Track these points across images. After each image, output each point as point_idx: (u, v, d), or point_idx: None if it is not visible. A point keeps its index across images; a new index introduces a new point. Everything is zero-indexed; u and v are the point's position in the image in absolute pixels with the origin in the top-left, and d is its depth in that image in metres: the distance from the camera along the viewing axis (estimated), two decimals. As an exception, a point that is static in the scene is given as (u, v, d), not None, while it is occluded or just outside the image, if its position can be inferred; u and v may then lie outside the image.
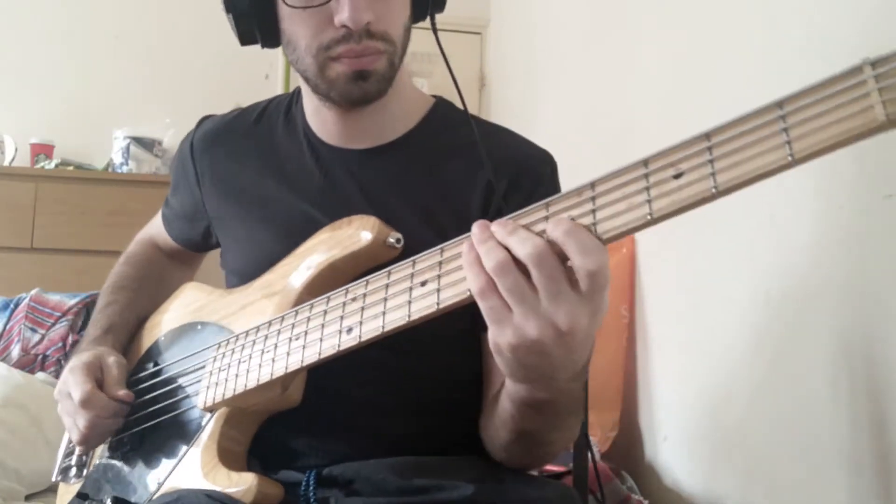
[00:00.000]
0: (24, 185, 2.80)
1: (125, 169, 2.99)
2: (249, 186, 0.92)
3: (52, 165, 2.96)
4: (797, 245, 1.12)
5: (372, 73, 0.80)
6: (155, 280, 1.06)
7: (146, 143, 3.05)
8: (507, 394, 0.70)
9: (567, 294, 0.54)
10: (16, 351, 1.92)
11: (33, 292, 2.04)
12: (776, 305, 1.17)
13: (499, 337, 0.58)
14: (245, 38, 0.85)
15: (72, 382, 0.86)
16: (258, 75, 3.34)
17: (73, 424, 0.86)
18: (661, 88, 1.64)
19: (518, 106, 2.89)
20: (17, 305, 2.01)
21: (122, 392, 0.86)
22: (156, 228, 1.11)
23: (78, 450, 0.95)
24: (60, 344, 1.93)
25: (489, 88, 3.33)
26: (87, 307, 2.01)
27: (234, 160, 0.95)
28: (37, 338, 1.94)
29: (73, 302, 2.01)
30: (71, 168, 2.96)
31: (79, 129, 3.15)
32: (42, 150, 3.03)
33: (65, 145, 3.07)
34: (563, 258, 0.55)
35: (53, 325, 1.96)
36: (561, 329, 0.54)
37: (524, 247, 0.55)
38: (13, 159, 2.99)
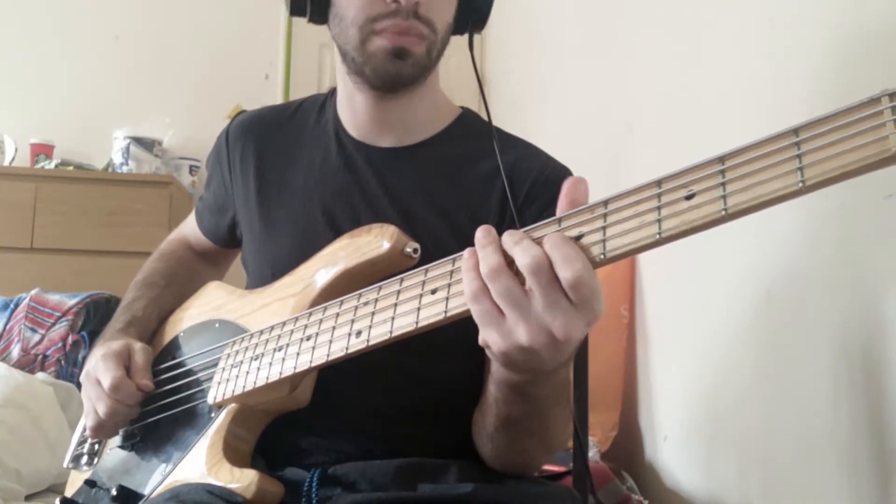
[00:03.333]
0: (24, 185, 2.80)
1: (125, 169, 2.99)
2: (276, 179, 0.94)
3: (52, 165, 2.96)
4: (797, 245, 1.12)
5: (410, 54, 0.82)
6: (183, 278, 1.07)
7: (146, 143, 3.05)
8: (491, 377, 0.72)
9: (563, 304, 0.55)
10: (16, 351, 1.92)
11: (33, 292, 2.04)
12: (776, 305, 1.17)
13: (489, 339, 0.59)
14: (295, 9, 0.88)
15: (102, 369, 0.86)
16: (258, 75, 3.34)
17: (93, 409, 0.87)
18: (662, 88, 1.64)
19: (518, 106, 2.89)
20: (17, 305, 2.01)
21: (143, 381, 0.87)
22: (189, 227, 1.13)
23: (90, 437, 0.96)
24: (60, 344, 1.93)
25: (489, 88, 3.33)
26: (87, 307, 2.01)
27: (265, 152, 0.96)
28: (37, 338, 1.94)
29: (73, 302, 2.01)
30: (71, 168, 2.96)
31: (79, 129, 3.15)
32: (42, 150, 3.03)
33: (65, 145, 3.07)
34: None
35: (53, 325, 1.96)
36: (557, 337, 0.56)
37: (524, 257, 0.56)
38: (13, 159, 3.00)
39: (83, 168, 3.00)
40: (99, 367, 0.87)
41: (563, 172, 0.92)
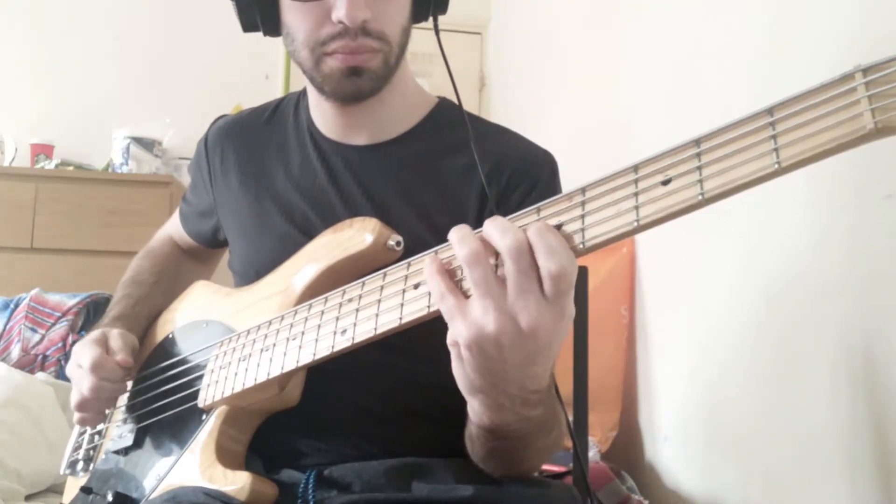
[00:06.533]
0: (24, 185, 2.80)
1: (125, 169, 2.99)
2: (257, 183, 0.93)
3: (52, 165, 2.96)
4: (797, 245, 1.12)
5: (365, 71, 0.81)
6: (171, 276, 1.07)
7: (146, 143, 3.05)
8: (470, 419, 0.68)
9: (535, 293, 0.54)
10: (16, 351, 1.92)
11: (33, 292, 2.04)
12: (776, 305, 1.17)
13: (457, 333, 0.57)
14: (247, 26, 0.87)
15: (80, 353, 0.88)
16: (258, 75, 3.34)
17: (78, 391, 0.88)
18: (661, 87, 1.64)
19: (518, 106, 2.89)
20: (17, 305, 2.01)
21: (121, 357, 0.87)
22: (174, 225, 1.13)
23: (77, 421, 0.96)
24: (60, 344, 1.93)
25: (489, 88, 3.33)
26: (87, 307, 2.01)
27: (244, 157, 0.96)
28: (37, 338, 1.94)
29: (72, 302, 2.01)
30: (71, 168, 2.96)
31: (79, 129, 3.15)
32: (42, 150, 3.03)
33: (65, 145, 3.07)
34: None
35: (53, 325, 1.96)
36: (522, 327, 0.54)
37: (504, 238, 0.55)
38: (13, 159, 2.99)
39: (83, 168, 3.00)
40: (79, 353, 0.89)
41: (544, 158, 0.91)
